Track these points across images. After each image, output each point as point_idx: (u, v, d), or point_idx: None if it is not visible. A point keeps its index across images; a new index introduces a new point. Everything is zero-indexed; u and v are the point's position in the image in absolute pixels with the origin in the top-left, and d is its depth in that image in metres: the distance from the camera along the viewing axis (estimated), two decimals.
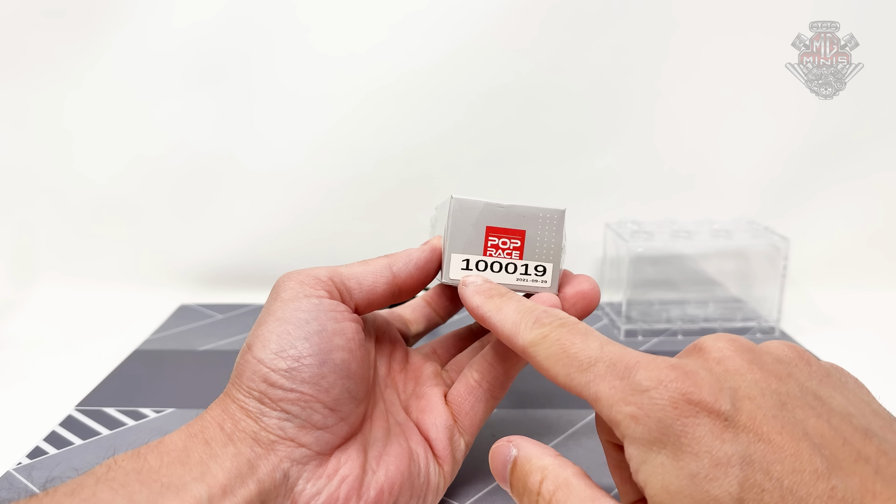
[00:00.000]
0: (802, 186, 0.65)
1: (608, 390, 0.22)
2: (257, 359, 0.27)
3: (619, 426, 0.21)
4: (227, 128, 0.64)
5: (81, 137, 0.64)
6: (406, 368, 0.34)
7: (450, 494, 0.33)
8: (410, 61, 0.62)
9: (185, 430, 0.26)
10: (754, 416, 0.20)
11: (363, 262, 0.31)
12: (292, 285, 0.29)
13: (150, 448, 0.25)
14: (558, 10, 0.61)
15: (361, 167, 0.65)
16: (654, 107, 0.64)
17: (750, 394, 0.21)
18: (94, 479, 0.23)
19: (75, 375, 0.48)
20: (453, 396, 0.33)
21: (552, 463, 0.24)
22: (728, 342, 0.23)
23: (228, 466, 0.25)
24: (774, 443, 0.20)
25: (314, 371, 0.27)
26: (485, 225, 0.31)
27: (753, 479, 0.19)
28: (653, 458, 0.20)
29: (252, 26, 0.62)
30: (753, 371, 0.22)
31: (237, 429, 0.26)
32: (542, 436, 0.39)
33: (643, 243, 0.55)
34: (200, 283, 0.66)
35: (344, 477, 0.27)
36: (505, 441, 0.26)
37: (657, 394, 0.21)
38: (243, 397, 0.27)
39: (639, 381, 0.21)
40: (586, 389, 0.23)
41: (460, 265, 0.31)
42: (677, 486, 0.20)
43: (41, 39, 0.61)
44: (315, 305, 0.28)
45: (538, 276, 0.31)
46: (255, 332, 0.28)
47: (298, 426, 0.26)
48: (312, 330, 0.27)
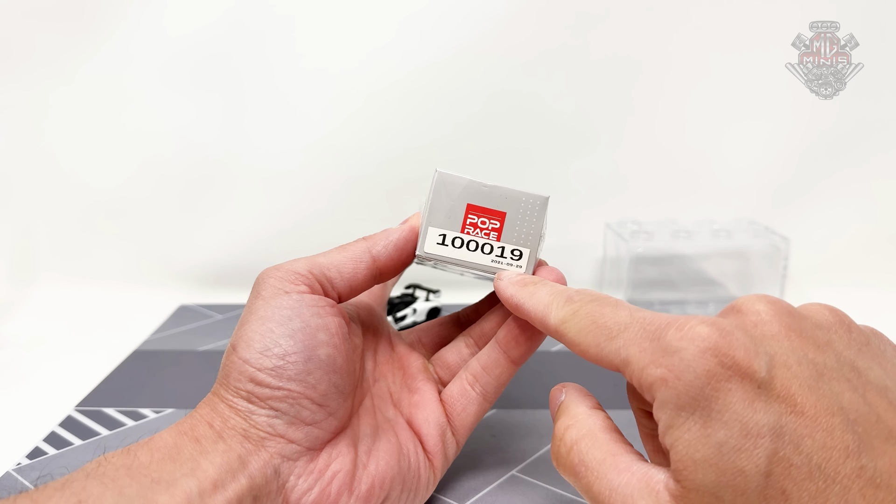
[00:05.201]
0: (802, 186, 0.65)
1: (638, 353, 0.21)
2: (243, 359, 0.27)
3: (648, 390, 0.21)
4: (228, 128, 0.64)
5: (82, 138, 0.64)
6: (393, 360, 0.34)
7: (449, 494, 0.33)
8: (411, 62, 0.62)
9: (174, 428, 0.26)
10: (789, 386, 0.19)
11: (341, 248, 0.31)
12: (272, 282, 0.28)
13: (140, 445, 0.25)
14: (559, 12, 0.61)
15: (362, 168, 0.65)
16: (655, 106, 0.64)
17: (786, 361, 0.20)
18: (84, 474, 0.24)
19: (75, 376, 0.48)
20: (447, 396, 0.33)
21: (583, 413, 0.24)
22: (768, 304, 0.22)
23: (219, 462, 0.25)
24: (808, 416, 0.19)
25: (300, 368, 0.27)
26: (466, 202, 0.31)
27: (783, 453, 0.18)
28: (680, 423, 0.20)
29: (253, 28, 0.62)
30: (791, 338, 0.21)
31: (227, 426, 0.26)
32: (543, 436, 0.39)
33: (643, 243, 0.55)
34: (200, 283, 0.66)
35: (335, 472, 0.27)
36: (560, 386, 0.27)
37: (688, 354, 0.20)
38: (231, 397, 0.27)
39: (669, 342, 0.20)
40: (616, 356, 0.22)
41: (436, 240, 0.31)
42: (703, 454, 0.19)
43: (41, 41, 0.61)
44: (297, 301, 0.28)
45: (514, 259, 0.31)
46: (239, 332, 0.28)
47: (288, 422, 0.26)
48: (296, 327, 0.27)
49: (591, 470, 0.22)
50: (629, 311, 0.23)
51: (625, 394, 0.27)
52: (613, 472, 0.22)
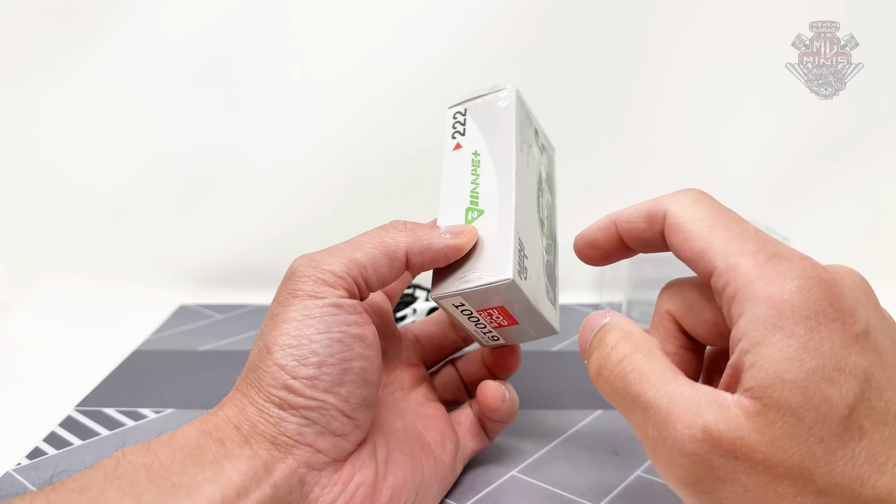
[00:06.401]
0: (802, 186, 0.65)
1: (752, 265, 0.21)
2: (279, 365, 0.26)
3: (748, 300, 0.21)
4: (228, 128, 0.64)
5: (82, 138, 0.64)
6: (397, 365, 0.34)
7: (450, 494, 0.33)
8: (412, 62, 0.62)
9: (198, 425, 0.26)
10: (878, 344, 0.21)
11: (378, 240, 0.29)
12: (309, 282, 0.27)
13: (161, 442, 0.24)
14: (557, 11, 0.61)
15: (362, 168, 0.65)
16: (655, 106, 0.64)
17: (876, 327, 0.21)
18: (101, 475, 0.23)
19: (75, 376, 0.47)
20: (456, 418, 0.34)
21: (637, 332, 0.24)
22: (862, 280, 0.23)
23: (244, 468, 0.24)
24: (890, 373, 0.21)
25: (335, 380, 0.26)
26: (501, 304, 0.30)
27: (867, 395, 0.20)
28: (773, 343, 0.20)
29: (253, 28, 0.62)
30: (879, 312, 0.23)
31: (255, 431, 0.25)
32: (543, 436, 0.39)
33: None
34: (200, 283, 0.66)
35: (359, 484, 0.27)
36: (601, 312, 0.26)
37: (805, 285, 0.20)
38: (262, 401, 0.26)
39: (789, 269, 0.21)
40: (725, 258, 0.22)
41: (456, 302, 0.30)
42: (793, 375, 0.20)
43: (41, 41, 0.61)
44: (336, 309, 0.27)
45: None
46: (273, 333, 0.27)
47: (317, 432, 0.26)
48: (335, 337, 0.26)
49: (648, 379, 0.22)
50: (756, 228, 0.24)
51: None
52: (674, 383, 0.22)
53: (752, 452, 0.20)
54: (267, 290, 0.66)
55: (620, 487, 0.34)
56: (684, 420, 0.20)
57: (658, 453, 0.22)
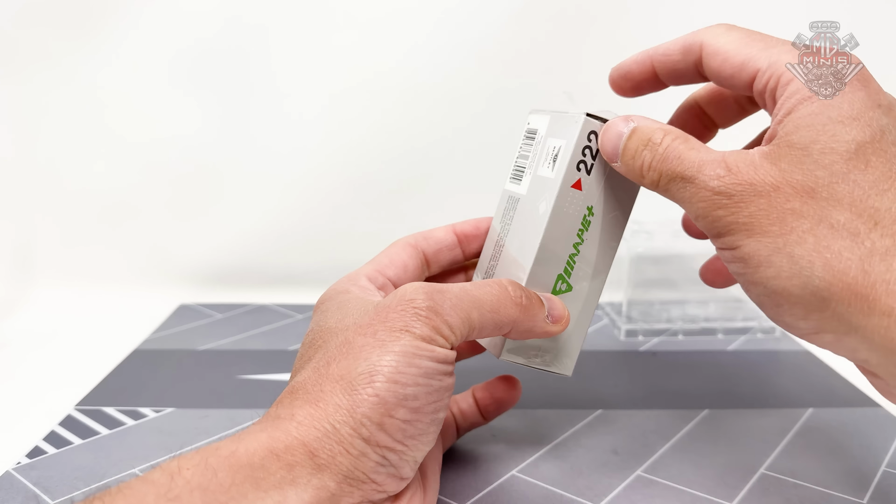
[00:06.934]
0: None
1: (792, 56, 0.26)
2: (380, 398, 0.25)
3: (790, 83, 0.26)
4: (227, 128, 0.64)
5: (82, 137, 0.64)
6: None
7: (449, 494, 0.33)
8: (411, 62, 0.62)
9: (265, 441, 0.24)
10: None
11: (487, 290, 0.28)
12: (427, 327, 0.26)
13: (220, 459, 0.23)
14: (558, 11, 0.61)
15: (362, 168, 0.65)
16: (655, 106, 0.63)
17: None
18: (153, 493, 0.22)
19: (75, 375, 0.47)
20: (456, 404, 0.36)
21: (667, 125, 0.28)
22: None
23: (307, 499, 0.23)
24: None
25: (423, 428, 0.26)
26: None
27: (881, 142, 0.24)
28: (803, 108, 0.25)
29: (252, 27, 0.62)
30: None
31: (333, 462, 0.24)
32: (542, 436, 0.39)
33: (643, 243, 0.55)
34: (200, 282, 0.66)
35: None
36: (622, 118, 0.29)
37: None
38: (349, 431, 0.24)
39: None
40: (767, 58, 0.27)
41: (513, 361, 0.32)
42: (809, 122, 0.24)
43: (41, 41, 0.61)
44: (442, 363, 0.26)
45: None
46: (379, 362, 0.25)
47: (389, 474, 0.25)
48: (434, 387, 0.26)
49: (690, 146, 0.26)
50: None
51: (625, 394, 0.27)
52: (705, 150, 0.26)
53: (764, 177, 0.25)
54: (267, 290, 0.67)
55: (620, 487, 0.34)
56: (712, 165, 0.26)
57: (693, 205, 0.26)
